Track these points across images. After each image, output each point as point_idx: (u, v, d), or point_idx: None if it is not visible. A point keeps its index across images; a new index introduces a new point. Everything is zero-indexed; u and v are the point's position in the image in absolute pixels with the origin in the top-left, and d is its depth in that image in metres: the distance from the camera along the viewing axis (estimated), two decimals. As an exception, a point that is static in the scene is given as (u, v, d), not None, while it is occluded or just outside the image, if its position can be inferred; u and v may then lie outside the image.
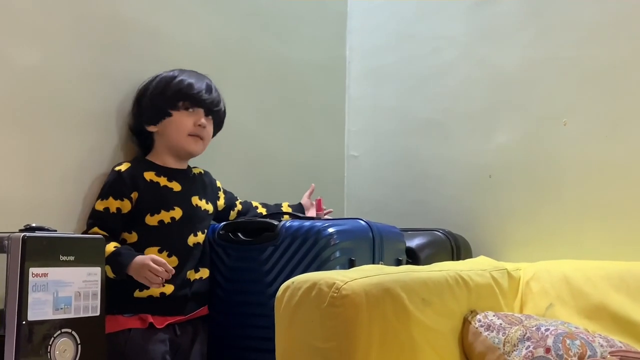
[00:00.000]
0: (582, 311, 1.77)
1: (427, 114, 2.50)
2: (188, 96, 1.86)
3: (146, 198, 1.80)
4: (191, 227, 1.86)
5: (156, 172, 1.85)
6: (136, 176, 1.81)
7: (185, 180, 1.90)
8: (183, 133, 1.86)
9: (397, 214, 2.44)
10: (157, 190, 1.83)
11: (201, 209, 1.90)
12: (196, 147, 1.90)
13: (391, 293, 1.43)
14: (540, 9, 2.23)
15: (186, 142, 1.88)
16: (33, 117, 1.73)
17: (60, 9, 1.79)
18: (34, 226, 1.44)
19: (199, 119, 1.87)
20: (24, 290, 1.36)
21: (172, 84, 1.86)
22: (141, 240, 1.79)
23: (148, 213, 1.80)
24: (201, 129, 1.88)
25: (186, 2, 2.14)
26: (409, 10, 2.60)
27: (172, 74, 1.88)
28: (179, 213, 1.83)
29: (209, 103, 1.90)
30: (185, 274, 1.82)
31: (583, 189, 2.09)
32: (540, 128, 2.20)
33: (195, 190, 1.91)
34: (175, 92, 1.86)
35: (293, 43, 2.53)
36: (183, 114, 1.86)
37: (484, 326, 1.60)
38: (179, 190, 1.86)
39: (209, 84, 1.91)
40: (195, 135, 1.88)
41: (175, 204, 1.83)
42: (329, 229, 1.79)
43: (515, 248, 2.22)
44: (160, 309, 1.77)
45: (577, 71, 2.13)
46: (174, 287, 1.78)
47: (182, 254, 1.82)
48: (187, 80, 1.87)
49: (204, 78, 1.92)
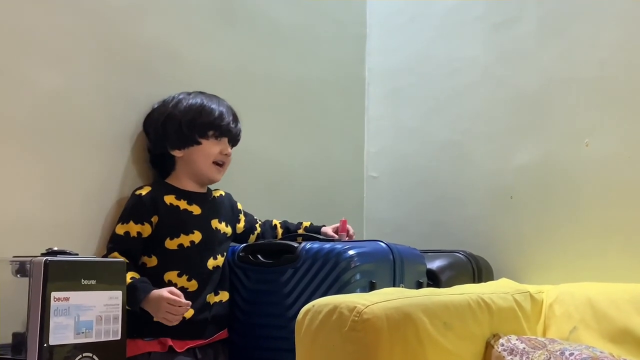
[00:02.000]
0: (606, 335, 1.74)
1: (447, 135, 2.50)
2: (219, 127, 1.89)
3: (166, 222, 1.81)
4: (211, 250, 1.86)
5: (176, 195, 1.86)
6: (156, 200, 1.81)
7: (205, 204, 1.90)
8: (209, 161, 1.89)
9: (418, 236, 2.43)
10: (177, 214, 1.83)
11: (220, 232, 1.91)
12: (219, 175, 1.93)
13: (412, 317, 1.42)
14: (560, 29, 2.22)
15: (210, 170, 1.90)
16: (54, 139, 1.75)
17: (81, 32, 1.82)
18: (55, 250, 1.45)
19: (225, 148, 1.91)
20: (46, 314, 1.37)
21: (203, 112, 1.88)
22: (161, 264, 1.79)
23: (168, 237, 1.80)
24: (226, 157, 1.92)
25: (206, 24, 2.16)
26: (428, 31, 2.60)
27: (199, 102, 1.89)
28: (199, 237, 1.83)
29: (236, 134, 1.95)
30: (204, 297, 1.82)
31: (605, 210, 2.07)
32: (561, 149, 2.18)
33: (214, 213, 1.91)
34: (208, 123, 1.88)
35: (312, 64, 2.54)
36: (211, 143, 1.89)
37: (507, 350, 1.58)
38: (199, 213, 1.87)
39: (235, 114, 1.95)
40: (219, 164, 1.91)
41: (195, 227, 1.84)
42: (349, 252, 1.78)
43: (537, 270, 2.20)
44: (180, 333, 1.76)
45: (598, 92, 2.12)
46: (194, 311, 1.78)
47: (201, 278, 1.82)
48: (217, 109, 1.90)
49: (227, 105, 1.95)
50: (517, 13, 2.33)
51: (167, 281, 1.78)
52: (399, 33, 2.69)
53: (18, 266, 1.41)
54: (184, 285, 1.78)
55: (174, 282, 1.78)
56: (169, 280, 1.78)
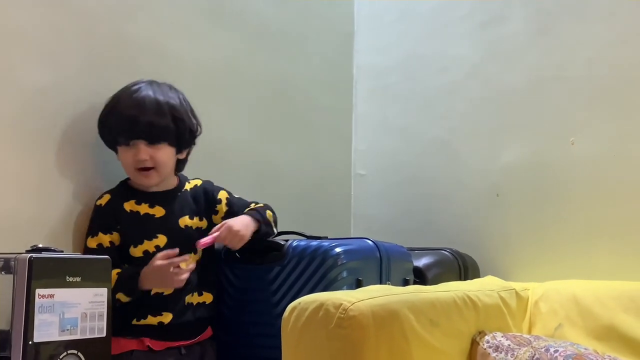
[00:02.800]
0: (591, 332, 1.75)
1: (435, 133, 2.50)
2: (120, 133, 1.74)
3: (128, 230, 1.75)
4: (181, 251, 1.73)
5: (137, 199, 1.78)
6: (116, 208, 1.75)
7: (170, 202, 1.80)
8: (130, 169, 1.76)
9: (404, 233, 2.43)
10: (138, 219, 1.76)
11: (192, 228, 1.81)
12: (148, 181, 1.77)
13: (398, 314, 1.42)
14: (547, 28, 2.23)
15: (135, 177, 1.77)
16: (42, 137, 1.74)
17: (69, 29, 1.81)
18: (40, 247, 1.44)
19: (138, 152, 1.72)
20: (30, 311, 1.35)
21: (107, 120, 1.75)
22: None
23: (132, 245, 1.74)
24: (143, 162, 1.73)
25: (194, 22, 2.15)
26: (415, 29, 2.60)
27: (109, 103, 1.76)
28: (164, 240, 1.75)
29: (145, 131, 1.71)
30: (183, 299, 1.77)
31: (592, 208, 2.08)
32: (547, 147, 2.19)
33: (182, 210, 1.81)
34: (109, 131, 1.76)
35: (300, 61, 2.54)
36: (123, 150, 1.75)
37: (492, 347, 1.59)
38: (162, 215, 1.78)
39: (136, 110, 1.71)
40: (143, 169, 1.75)
41: (158, 231, 1.76)
42: (336, 249, 1.78)
43: (523, 268, 2.21)
44: (159, 336, 1.73)
45: (584, 90, 2.13)
46: (173, 315, 1.74)
47: None
48: (118, 111, 1.73)
49: (138, 98, 1.73)
50: (503, 12, 2.34)
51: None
52: (387, 31, 2.69)
53: (2, 263, 1.40)
54: (157, 291, 1.73)
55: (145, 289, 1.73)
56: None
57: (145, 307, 1.74)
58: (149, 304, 1.74)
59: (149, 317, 1.73)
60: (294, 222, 2.17)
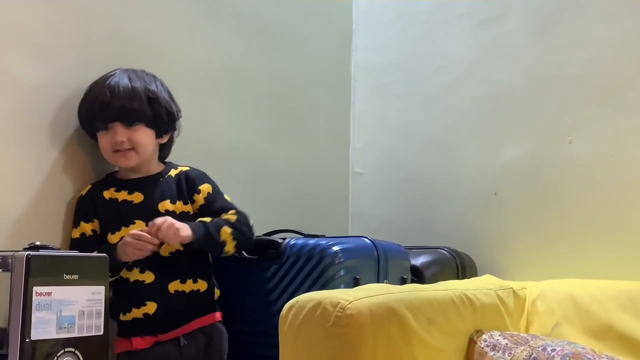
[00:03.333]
0: (588, 331, 1.75)
1: (432, 131, 2.50)
2: (96, 117, 1.74)
3: (106, 217, 1.75)
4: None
5: (116, 187, 1.78)
6: (95, 197, 1.77)
7: (151, 188, 1.79)
8: (108, 153, 1.76)
9: (402, 232, 2.44)
10: (116, 206, 1.76)
11: (176, 212, 1.77)
12: (126, 161, 1.76)
13: (396, 312, 1.42)
14: (545, 27, 2.23)
15: (114, 159, 1.77)
16: (39, 134, 1.74)
17: (66, 27, 1.81)
18: (38, 245, 1.44)
19: (115, 135, 1.73)
20: (28, 309, 1.35)
21: (83, 108, 1.77)
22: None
23: (109, 232, 1.75)
24: (120, 144, 1.73)
25: (192, 20, 2.15)
26: (414, 28, 2.60)
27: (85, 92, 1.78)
28: (141, 226, 1.72)
29: (120, 113, 1.72)
30: (166, 287, 1.74)
31: (589, 207, 2.08)
32: (545, 146, 2.19)
33: (163, 194, 1.79)
34: (86, 118, 1.77)
35: (298, 60, 2.54)
36: (101, 135, 1.76)
37: (489, 346, 1.59)
38: (141, 200, 1.77)
39: (109, 93, 1.72)
40: (121, 151, 1.75)
41: (136, 217, 1.74)
42: (334, 247, 1.78)
43: (520, 267, 2.21)
44: (147, 330, 1.72)
45: (582, 89, 2.13)
46: (157, 304, 1.72)
47: (156, 267, 1.73)
48: (92, 97, 1.75)
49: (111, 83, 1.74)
50: (502, 10, 2.34)
51: (119, 277, 1.73)
52: (385, 29, 2.69)
53: (0, 260, 1.40)
54: (138, 278, 1.72)
55: (125, 277, 1.72)
56: (120, 276, 1.73)
57: (126, 297, 1.73)
58: (129, 294, 1.73)
59: (133, 310, 1.72)
60: (292, 220, 2.18)
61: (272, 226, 2.08)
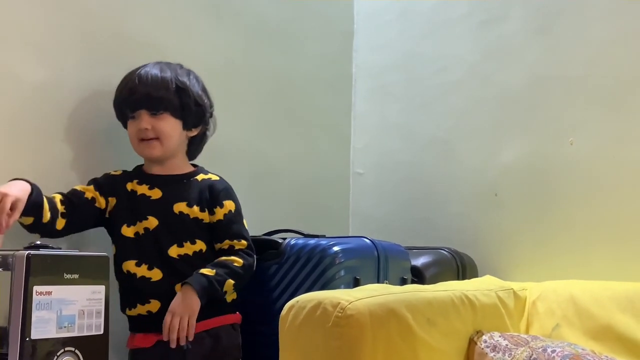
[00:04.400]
0: (588, 332, 1.75)
1: (433, 131, 2.50)
2: (124, 104, 1.77)
3: (122, 207, 1.75)
4: (172, 237, 1.74)
5: (139, 180, 1.79)
6: (119, 183, 1.78)
7: (172, 187, 1.79)
8: (135, 141, 1.78)
9: (402, 232, 2.43)
10: (133, 199, 1.76)
11: (189, 216, 1.76)
12: (150, 151, 1.77)
13: (396, 313, 1.42)
14: (546, 27, 2.23)
15: (139, 148, 1.78)
16: (40, 133, 1.74)
17: (67, 27, 1.81)
18: (38, 244, 1.44)
19: (140, 122, 1.74)
20: (28, 308, 1.35)
21: (115, 97, 1.79)
22: (118, 253, 1.74)
23: (125, 224, 1.74)
24: (144, 132, 1.74)
25: (192, 19, 2.15)
26: (415, 28, 2.60)
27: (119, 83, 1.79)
28: (154, 223, 1.73)
29: (141, 100, 1.73)
30: (172, 287, 1.70)
31: (590, 208, 2.08)
32: (546, 147, 2.19)
33: (182, 196, 1.77)
34: (117, 106, 1.79)
35: (299, 60, 2.54)
36: (130, 123, 1.78)
37: (489, 347, 1.59)
38: (159, 197, 1.76)
39: (137, 79, 1.74)
40: (145, 140, 1.76)
41: (150, 213, 1.74)
42: (334, 248, 1.79)
43: (521, 267, 2.21)
44: (151, 327, 1.70)
45: (584, 90, 2.13)
46: (161, 303, 1.70)
47: (164, 266, 1.72)
48: (122, 86, 1.77)
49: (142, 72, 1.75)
50: (503, 11, 2.34)
51: (126, 271, 1.72)
52: (386, 30, 2.69)
53: (0, 260, 1.40)
54: (144, 275, 1.71)
55: (132, 272, 1.71)
56: (127, 270, 1.72)
57: (131, 293, 1.73)
58: (136, 289, 1.72)
59: (137, 306, 1.72)
60: (292, 220, 2.18)
61: (272, 226, 2.08)
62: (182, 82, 1.78)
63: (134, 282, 1.73)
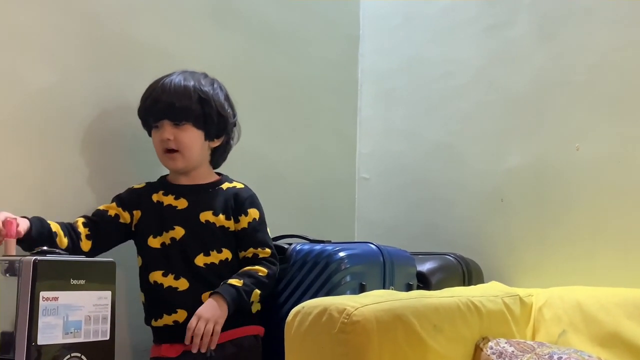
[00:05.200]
0: (595, 339, 1.74)
1: (439, 136, 2.50)
2: (148, 114, 1.78)
3: (147, 218, 1.77)
4: (199, 246, 1.75)
5: (165, 191, 1.81)
6: (144, 196, 1.79)
7: (198, 196, 1.80)
8: (159, 152, 1.79)
9: (408, 238, 2.43)
10: (160, 210, 1.78)
11: (216, 225, 1.77)
12: (173, 163, 1.79)
13: (402, 319, 1.42)
14: (552, 32, 2.23)
15: (163, 159, 1.80)
16: (46, 137, 1.75)
17: (72, 31, 1.82)
18: (45, 249, 1.44)
19: (163, 132, 1.76)
20: (34, 313, 1.36)
21: (140, 107, 1.80)
22: (145, 264, 1.76)
23: (151, 235, 1.76)
24: (166, 142, 1.76)
25: (198, 24, 2.15)
26: (421, 33, 2.60)
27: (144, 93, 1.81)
28: (181, 232, 1.75)
29: (164, 111, 1.75)
30: (199, 296, 1.71)
31: (596, 214, 2.07)
32: (552, 152, 2.19)
33: (208, 205, 1.79)
34: (141, 116, 1.81)
35: (305, 64, 2.54)
36: (154, 133, 1.80)
37: (495, 353, 1.59)
38: (185, 207, 1.78)
39: (161, 89, 1.75)
40: (169, 151, 1.77)
41: (177, 223, 1.76)
42: (340, 253, 1.78)
43: (527, 273, 2.20)
44: (177, 337, 1.68)
45: (589, 95, 2.12)
46: (187, 313, 1.70)
47: (191, 276, 1.73)
48: (147, 96, 1.78)
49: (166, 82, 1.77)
50: (509, 16, 2.33)
51: (153, 282, 1.73)
52: (392, 34, 2.69)
53: (7, 265, 1.41)
54: (171, 285, 1.72)
55: (159, 282, 1.73)
56: (154, 281, 1.73)
57: (158, 303, 1.74)
58: (163, 299, 1.73)
59: (164, 316, 1.72)
60: (298, 226, 2.17)
61: (278, 231, 2.08)
62: (204, 92, 1.79)
63: (160, 292, 1.73)
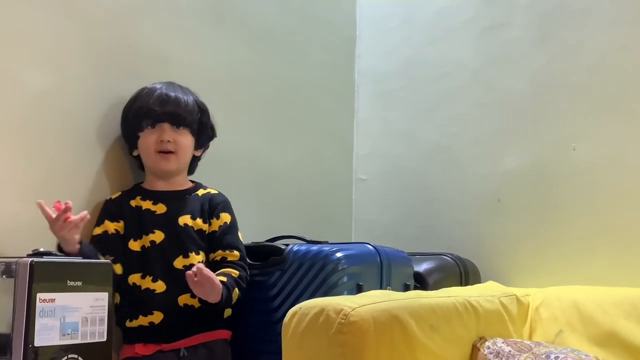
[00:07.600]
0: (592, 338, 1.74)
1: (436, 138, 2.50)
2: (148, 116, 1.81)
3: (129, 225, 1.79)
4: (178, 249, 1.78)
5: (142, 196, 1.83)
6: (122, 203, 1.81)
7: (176, 202, 1.83)
8: (151, 152, 1.81)
9: (405, 238, 2.43)
10: (139, 214, 1.80)
11: (194, 228, 1.81)
12: (167, 164, 1.82)
13: (399, 319, 1.42)
14: (549, 34, 2.23)
15: (155, 160, 1.82)
16: (44, 141, 1.74)
17: (71, 33, 1.81)
18: (41, 251, 1.44)
19: (162, 134, 1.80)
20: (31, 315, 1.36)
21: (132, 107, 1.83)
22: (125, 268, 1.77)
23: (132, 239, 1.78)
24: (166, 144, 1.80)
25: (195, 26, 2.15)
26: (418, 35, 2.60)
27: (135, 93, 1.85)
28: (160, 236, 1.78)
29: (169, 114, 1.80)
30: (176, 299, 1.74)
31: (593, 214, 2.08)
32: (549, 153, 2.19)
33: (186, 209, 1.82)
34: (135, 114, 1.82)
35: (302, 66, 2.54)
36: (147, 133, 1.81)
37: (492, 353, 1.59)
38: (164, 212, 1.81)
39: (166, 94, 1.82)
40: (163, 152, 1.81)
41: (156, 227, 1.79)
42: (337, 254, 1.78)
43: (524, 273, 2.20)
44: (151, 338, 1.73)
45: (586, 96, 2.13)
46: (163, 315, 1.73)
47: (168, 278, 1.75)
48: (144, 97, 1.82)
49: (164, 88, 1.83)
50: (506, 18, 2.34)
51: (132, 284, 1.75)
52: (389, 36, 2.69)
53: (4, 267, 1.41)
54: (149, 287, 1.74)
55: (137, 284, 1.75)
56: (133, 282, 1.75)
57: (134, 304, 1.74)
58: (138, 301, 1.74)
59: (140, 317, 1.73)
60: (295, 227, 2.18)
61: (275, 232, 2.09)
62: (203, 103, 1.90)
63: (138, 293, 1.75)
